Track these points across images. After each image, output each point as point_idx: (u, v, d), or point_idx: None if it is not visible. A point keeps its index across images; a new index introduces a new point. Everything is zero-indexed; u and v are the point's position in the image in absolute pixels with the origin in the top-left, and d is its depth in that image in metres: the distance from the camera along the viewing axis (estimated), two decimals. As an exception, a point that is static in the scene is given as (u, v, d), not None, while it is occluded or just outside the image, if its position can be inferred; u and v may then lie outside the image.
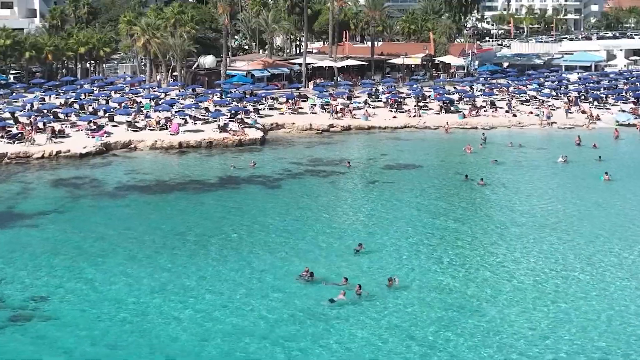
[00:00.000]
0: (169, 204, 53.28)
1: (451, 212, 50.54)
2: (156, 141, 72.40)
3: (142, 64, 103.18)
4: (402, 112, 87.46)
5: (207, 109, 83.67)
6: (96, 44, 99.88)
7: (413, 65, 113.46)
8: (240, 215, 49.69)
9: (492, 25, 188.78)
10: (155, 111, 79.93)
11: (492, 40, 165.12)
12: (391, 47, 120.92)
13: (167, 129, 75.54)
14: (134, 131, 75.06)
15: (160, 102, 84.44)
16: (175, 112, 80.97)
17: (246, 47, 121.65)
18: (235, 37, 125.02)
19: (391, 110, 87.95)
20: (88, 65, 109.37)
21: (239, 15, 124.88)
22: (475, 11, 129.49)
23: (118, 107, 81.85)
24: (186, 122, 78.38)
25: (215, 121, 77.05)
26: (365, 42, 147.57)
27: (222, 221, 48.58)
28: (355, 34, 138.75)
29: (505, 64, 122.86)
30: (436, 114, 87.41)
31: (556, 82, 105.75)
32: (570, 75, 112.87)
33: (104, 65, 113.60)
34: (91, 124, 74.49)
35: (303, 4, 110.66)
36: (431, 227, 47.22)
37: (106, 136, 72.28)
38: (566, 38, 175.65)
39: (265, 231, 46.19)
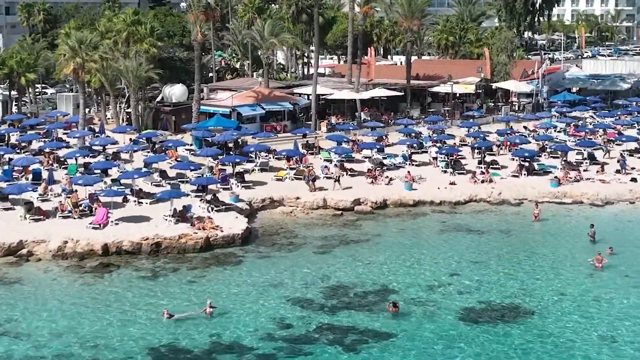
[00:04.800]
0: None
1: None
2: (66, 242, 42.88)
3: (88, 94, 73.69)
4: (461, 172, 57.88)
5: (163, 174, 54.09)
6: (15, 67, 70.01)
7: (457, 94, 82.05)
8: None
9: (538, 34, 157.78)
10: (74, 184, 49.51)
11: (543, 54, 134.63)
12: (427, 67, 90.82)
13: (92, 214, 46.15)
14: (36, 220, 45.60)
15: (90, 164, 54.75)
16: (111, 182, 51.43)
17: (237, 66, 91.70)
18: (221, 53, 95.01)
19: (445, 171, 58.23)
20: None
21: (229, 24, 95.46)
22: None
23: (22, 173, 52.26)
24: (126, 200, 48.82)
25: (169, 202, 46.89)
26: (389, 56, 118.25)
27: None
28: (377, 46, 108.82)
29: (575, 89, 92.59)
30: (514, 176, 57.69)
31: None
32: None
33: (49, 94, 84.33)
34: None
35: (312, 10, 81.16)
36: None
37: (-19, 234, 42.89)
38: (628, 52, 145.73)
39: None
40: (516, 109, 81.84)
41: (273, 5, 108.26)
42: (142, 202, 48.60)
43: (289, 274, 39.83)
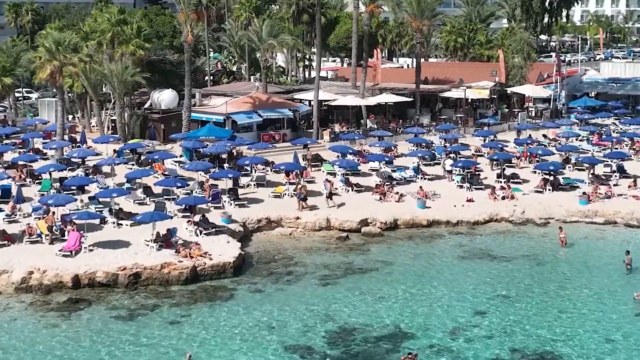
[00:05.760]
0: None
1: None
2: (31, 273, 37.36)
3: (71, 100, 68.22)
4: (479, 187, 52.27)
5: (146, 190, 48.48)
6: (-10, 71, 64.68)
7: (470, 99, 76.00)
8: None
9: (549, 36, 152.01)
10: (45, 204, 43.79)
11: (557, 55, 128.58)
12: (436, 70, 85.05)
13: (64, 238, 40.61)
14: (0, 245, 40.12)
15: (66, 179, 49.13)
16: (88, 200, 45.88)
17: (234, 69, 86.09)
18: (216, 54, 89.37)
19: (461, 186, 52.61)
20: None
21: (225, 24, 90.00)
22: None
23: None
24: (104, 221, 43.24)
25: (151, 224, 41.26)
26: (394, 59, 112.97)
27: None
28: (383, 48, 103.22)
29: (592, 93, 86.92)
30: (537, 191, 52.07)
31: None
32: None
33: (33, 99, 78.81)
34: None
35: (314, 10, 75.70)
36: None
37: None
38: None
39: None
40: (533, 115, 76.09)
41: (273, 5, 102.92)
42: (121, 224, 43.02)
43: (287, 313, 34.21)
